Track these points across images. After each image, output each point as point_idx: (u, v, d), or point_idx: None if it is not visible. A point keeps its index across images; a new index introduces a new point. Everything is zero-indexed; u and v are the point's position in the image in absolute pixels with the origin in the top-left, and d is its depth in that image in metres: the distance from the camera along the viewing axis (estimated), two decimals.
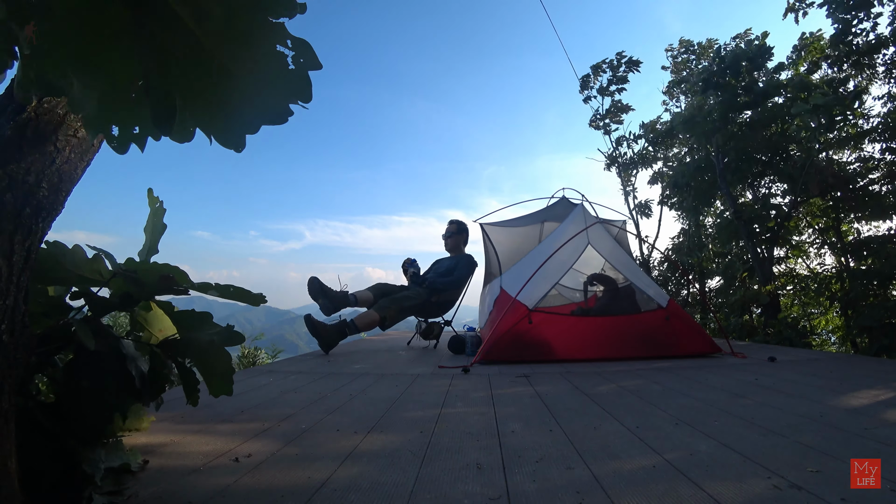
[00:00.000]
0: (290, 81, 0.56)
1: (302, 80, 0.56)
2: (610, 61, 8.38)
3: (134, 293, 0.90)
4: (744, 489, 0.80)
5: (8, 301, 0.61)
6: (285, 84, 0.56)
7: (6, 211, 0.62)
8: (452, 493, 0.81)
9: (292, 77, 0.56)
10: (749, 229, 5.82)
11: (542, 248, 3.28)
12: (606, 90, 8.52)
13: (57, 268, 0.82)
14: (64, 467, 0.74)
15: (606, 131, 8.76)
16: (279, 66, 0.55)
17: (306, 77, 0.56)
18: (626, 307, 3.14)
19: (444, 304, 3.80)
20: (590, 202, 3.64)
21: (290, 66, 0.55)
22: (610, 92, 8.50)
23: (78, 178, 0.75)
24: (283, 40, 0.54)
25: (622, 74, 8.33)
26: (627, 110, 8.55)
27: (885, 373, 2.09)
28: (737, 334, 5.51)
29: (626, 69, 8.29)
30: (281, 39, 0.54)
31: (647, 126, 8.58)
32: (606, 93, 8.53)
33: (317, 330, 3.16)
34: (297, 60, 0.56)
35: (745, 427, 1.20)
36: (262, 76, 0.55)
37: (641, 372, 2.20)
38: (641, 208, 8.66)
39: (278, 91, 0.56)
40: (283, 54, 0.54)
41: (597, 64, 8.49)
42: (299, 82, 0.56)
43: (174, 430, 1.25)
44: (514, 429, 1.23)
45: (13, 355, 0.61)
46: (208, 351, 0.93)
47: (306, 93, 0.57)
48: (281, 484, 0.86)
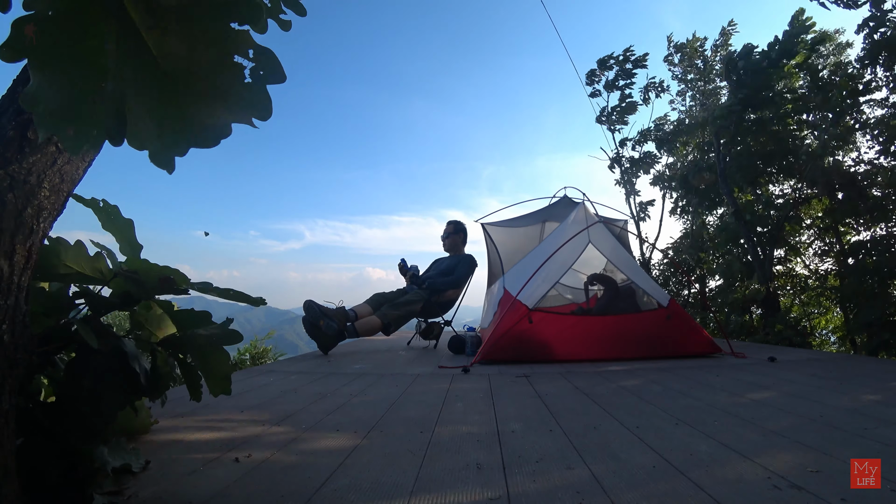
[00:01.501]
0: (244, 96, 0.50)
1: (259, 94, 0.50)
2: (617, 56, 8.32)
3: (134, 293, 0.90)
4: (744, 489, 0.81)
5: (9, 301, 0.61)
6: (237, 98, 0.50)
7: (7, 211, 0.62)
8: (452, 494, 0.81)
9: (248, 91, 0.50)
10: (749, 229, 5.82)
11: (543, 247, 3.28)
12: (614, 85, 8.45)
13: (58, 264, 0.81)
14: (65, 467, 0.74)
15: (612, 129, 8.72)
16: (232, 77, 0.49)
17: (264, 91, 0.50)
18: (626, 307, 3.14)
19: (444, 304, 3.80)
20: (591, 201, 3.63)
21: (246, 78, 0.49)
22: (620, 87, 8.41)
23: (79, 178, 0.75)
24: (243, 49, 0.48)
25: (630, 69, 8.24)
26: (635, 109, 8.48)
27: (884, 373, 2.09)
28: (737, 334, 5.51)
29: (633, 66, 8.24)
30: (241, 48, 0.48)
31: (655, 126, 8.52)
32: (615, 88, 8.45)
33: (315, 331, 3.16)
34: (256, 72, 0.50)
35: (745, 427, 1.20)
36: (210, 88, 0.49)
37: (641, 372, 2.20)
38: (643, 209, 8.66)
39: (228, 106, 0.50)
40: (238, 65, 0.49)
41: (603, 59, 8.41)
42: (255, 97, 0.50)
43: (174, 430, 1.25)
44: (514, 429, 1.23)
45: (13, 355, 0.61)
46: (207, 348, 0.93)
47: (263, 109, 0.51)
48: (281, 484, 0.87)
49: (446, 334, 3.88)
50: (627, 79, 8.34)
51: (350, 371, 2.38)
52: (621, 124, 8.66)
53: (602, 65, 8.45)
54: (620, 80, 8.38)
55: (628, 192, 8.71)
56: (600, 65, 8.47)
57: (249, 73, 0.50)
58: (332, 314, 3.24)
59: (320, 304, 3.25)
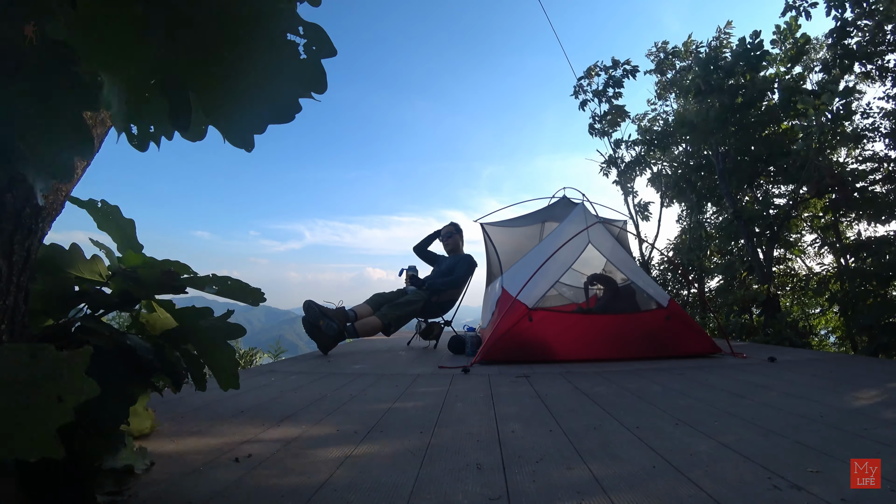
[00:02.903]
0: (302, 71, 0.51)
1: (315, 69, 0.51)
2: (604, 65, 8.33)
3: (134, 292, 0.90)
4: (744, 489, 0.80)
5: (8, 301, 0.61)
6: (297, 74, 0.51)
7: (6, 211, 0.62)
8: (452, 494, 0.81)
9: (305, 66, 0.51)
10: (749, 229, 5.82)
11: (542, 247, 3.28)
12: (603, 93, 8.44)
13: (55, 269, 0.81)
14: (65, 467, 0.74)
15: (604, 135, 8.72)
16: (289, 55, 0.50)
17: (319, 66, 0.51)
18: (626, 307, 3.14)
19: (444, 305, 3.80)
20: (590, 202, 3.64)
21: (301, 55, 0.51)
22: (608, 96, 8.40)
23: (78, 178, 0.75)
24: (293, 27, 0.49)
25: (618, 77, 8.24)
26: (625, 116, 8.46)
27: (884, 373, 2.09)
28: (737, 334, 5.51)
29: (623, 74, 8.23)
30: (291, 26, 0.49)
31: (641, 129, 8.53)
32: (604, 95, 8.44)
33: (315, 331, 3.16)
34: (310, 48, 0.51)
35: (745, 427, 1.20)
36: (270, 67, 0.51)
37: (641, 372, 2.20)
38: (641, 209, 8.65)
39: (289, 82, 0.52)
40: (293, 42, 0.50)
41: (589, 67, 8.43)
42: (313, 72, 0.51)
43: (174, 430, 1.25)
44: (514, 429, 1.23)
45: None
46: (211, 341, 0.93)
47: (320, 83, 0.52)
48: (281, 484, 0.86)
49: (446, 334, 3.88)
50: (616, 87, 8.33)
51: (350, 371, 2.38)
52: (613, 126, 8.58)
53: (590, 73, 8.41)
54: (610, 88, 8.36)
55: (625, 193, 8.71)
56: (588, 73, 8.43)
57: (303, 49, 0.51)
58: (332, 314, 3.23)
59: (320, 304, 3.25)
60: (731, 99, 5.70)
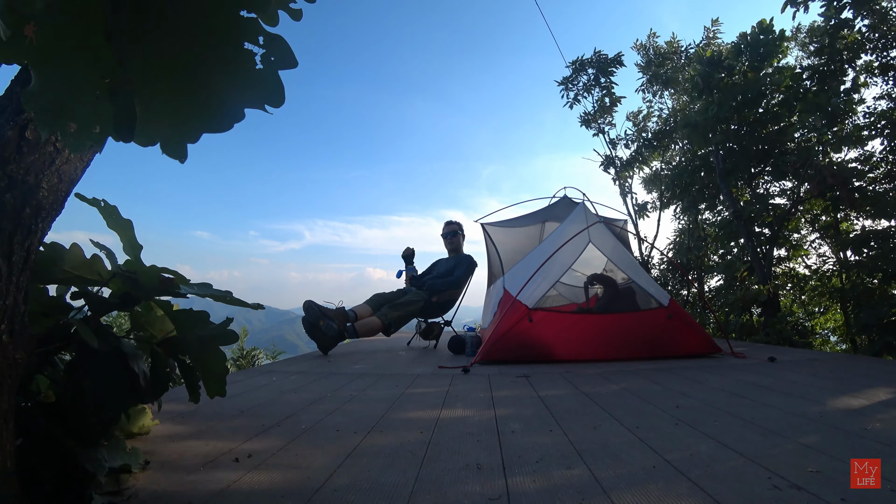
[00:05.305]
0: (256, 82, 0.49)
1: (272, 81, 0.49)
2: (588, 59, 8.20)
3: (133, 293, 0.90)
4: (744, 489, 0.80)
5: (8, 301, 0.61)
6: (250, 85, 0.49)
7: (6, 211, 0.62)
8: (452, 494, 0.81)
9: (260, 78, 0.49)
10: (749, 229, 5.82)
11: (543, 247, 3.28)
12: (592, 86, 8.32)
13: (55, 269, 0.81)
14: (64, 467, 0.74)
15: (600, 131, 8.64)
16: (243, 64, 0.48)
17: (277, 78, 0.50)
18: (626, 306, 3.14)
19: (444, 305, 3.80)
20: (591, 201, 3.63)
21: (257, 65, 0.49)
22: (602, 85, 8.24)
23: (78, 178, 0.75)
24: (253, 36, 0.48)
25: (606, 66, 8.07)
26: (617, 102, 8.29)
27: (885, 373, 2.08)
28: (737, 334, 5.51)
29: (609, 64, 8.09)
30: (251, 36, 0.48)
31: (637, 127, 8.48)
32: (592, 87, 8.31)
33: (315, 331, 3.15)
34: (267, 59, 0.49)
35: (745, 427, 1.20)
36: (222, 76, 0.48)
37: (642, 372, 2.20)
38: (640, 209, 8.64)
39: (241, 94, 0.50)
40: (248, 52, 0.48)
41: (573, 61, 8.29)
42: (268, 84, 0.50)
43: (174, 430, 1.25)
44: (515, 429, 1.23)
45: (13, 355, 0.61)
46: (205, 349, 0.93)
47: (276, 96, 0.50)
48: (281, 484, 0.86)
49: (446, 334, 3.88)
50: (605, 77, 8.17)
51: (350, 371, 2.38)
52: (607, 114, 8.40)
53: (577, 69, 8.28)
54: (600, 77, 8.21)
55: (623, 192, 8.70)
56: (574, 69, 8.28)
57: (261, 59, 0.49)
58: (332, 314, 3.23)
59: (320, 304, 3.25)
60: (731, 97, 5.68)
